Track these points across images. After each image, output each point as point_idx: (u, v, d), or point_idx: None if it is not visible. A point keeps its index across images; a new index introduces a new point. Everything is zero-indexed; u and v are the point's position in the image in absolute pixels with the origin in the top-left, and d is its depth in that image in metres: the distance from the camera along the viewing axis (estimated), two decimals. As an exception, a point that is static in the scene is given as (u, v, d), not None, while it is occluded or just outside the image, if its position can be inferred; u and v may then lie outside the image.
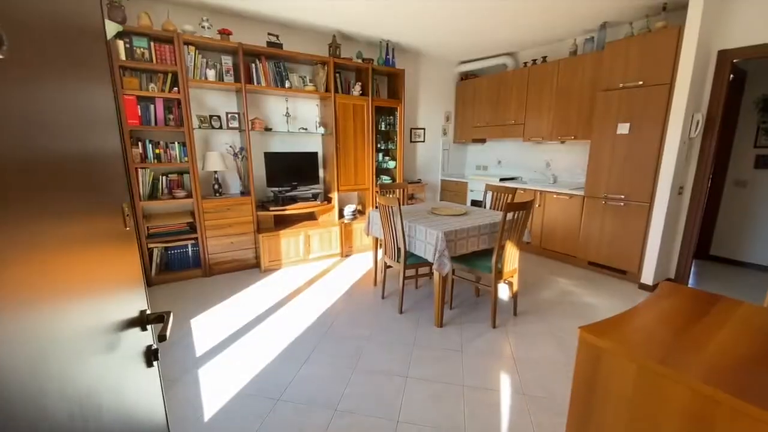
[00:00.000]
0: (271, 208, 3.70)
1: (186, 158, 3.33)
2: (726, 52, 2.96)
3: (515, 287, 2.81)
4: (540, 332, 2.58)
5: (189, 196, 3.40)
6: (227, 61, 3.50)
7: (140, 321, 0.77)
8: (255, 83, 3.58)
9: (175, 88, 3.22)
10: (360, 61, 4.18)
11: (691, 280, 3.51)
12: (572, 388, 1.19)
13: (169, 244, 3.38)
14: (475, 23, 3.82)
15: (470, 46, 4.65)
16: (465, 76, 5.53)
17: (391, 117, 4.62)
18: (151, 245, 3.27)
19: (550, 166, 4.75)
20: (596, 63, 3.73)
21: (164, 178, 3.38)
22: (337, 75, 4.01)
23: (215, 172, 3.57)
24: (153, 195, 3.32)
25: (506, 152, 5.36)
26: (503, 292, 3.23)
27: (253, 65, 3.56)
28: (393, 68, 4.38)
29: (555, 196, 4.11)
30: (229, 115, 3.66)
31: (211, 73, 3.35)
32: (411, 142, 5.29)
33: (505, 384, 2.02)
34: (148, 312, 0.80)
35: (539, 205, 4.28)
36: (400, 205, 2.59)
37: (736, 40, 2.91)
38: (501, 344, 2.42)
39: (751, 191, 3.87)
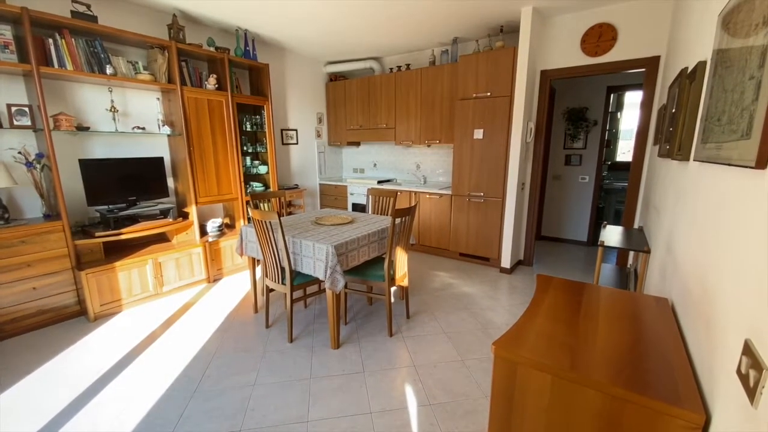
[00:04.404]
0: (98, 234, 2.78)
1: (-70, 172, 2.18)
2: (546, 72, 3.63)
3: (406, 290, 2.82)
4: (432, 332, 2.64)
5: (-57, 228, 2.24)
6: (4, 31, 2.44)
7: None
8: (56, 65, 2.60)
9: None
10: (213, 49, 3.54)
11: (534, 259, 4.24)
12: (491, 405, 1.15)
13: None
14: (335, 24, 3.68)
15: (336, 46, 4.52)
16: (334, 77, 5.40)
17: (258, 116, 4.11)
18: None
19: (420, 168, 5.07)
20: (453, 74, 4.10)
21: None
22: (184, 64, 3.31)
23: (-7, 190, 2.46)
24: None
25: (380, 155, 5.48)
26: (394, 296, 3.24)
27: (51, 41, 2.59)
28: (255, 62, 3.89)
29: (428, 196, 4.38)
30: (15, 109, 2.57)
31: (-30, 46, 2.27)
32: (283, 144, 4.86)
33: (411, 398, 1.95)
34: None
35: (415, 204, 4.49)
36: (280, 218, 2.25)
37: (551, 63, 3.59)
38: (400, 353, 2.37)
39: (564, 183, 4.94)
